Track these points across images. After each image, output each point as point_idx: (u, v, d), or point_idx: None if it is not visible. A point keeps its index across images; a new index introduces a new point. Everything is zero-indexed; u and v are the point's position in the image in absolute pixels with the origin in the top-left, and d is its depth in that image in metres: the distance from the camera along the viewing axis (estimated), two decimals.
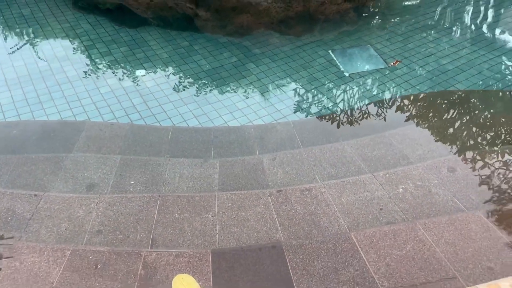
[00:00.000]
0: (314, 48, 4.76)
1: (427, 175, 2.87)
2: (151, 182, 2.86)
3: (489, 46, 4.60)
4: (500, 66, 4.27)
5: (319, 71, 4.38)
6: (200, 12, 4.97)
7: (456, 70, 4.27)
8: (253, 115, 3.80)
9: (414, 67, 4.35)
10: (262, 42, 4.87)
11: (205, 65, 4.47)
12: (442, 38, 4.81)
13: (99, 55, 4.51)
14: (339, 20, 5.12)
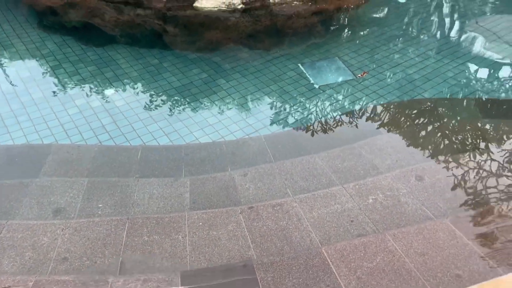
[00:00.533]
0: (284, 62, 4.80)
1: (396, 184, 2.91)
2: (120, 204, 2.81)
3: (452, 54, 4.74)
4: (464, 74, 4.41)
5: (289, 84, 4.42)
6: (169, 28, 4.97)
7: (423, 79, 4.38)
8: (224, 130, 3.79)
9: (382, 78, 4.44)
10: (232, 57, 4.89)
11: (175, 82, 4.45)
12: (408, 48, 4.94)
13: (66, 75, 4.43)
14: (307, 33, 5.20)
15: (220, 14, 5.16)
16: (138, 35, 5.07)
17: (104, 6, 5.19)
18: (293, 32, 5.18)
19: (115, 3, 5.18)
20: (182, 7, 5.12)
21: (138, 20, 5.03)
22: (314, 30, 5.23)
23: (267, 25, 5.11)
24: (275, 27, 5.17)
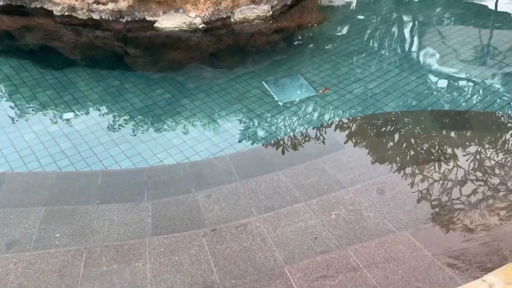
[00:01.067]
0: (248, 80, 4.84)
1: (358, 198, 2.96)
2: (78, 233, 2.72)
3: (410, 68, 4.91)
4: (422, 87, 4.56)
5: (254, 102, 4.45)
6: (129, 49, 4.94)
7: (383, 93, 4.50)
8: (189, 151, 3.76)
9: (344, 93, 4.53)
10: (195, 76, 4.89)
11: (137, 103, 4.40)
12: (368, 63, 5.08)
13: (23, 100, 4.31)
14: (269, 51, 5.28)
15: (181, 34, 5.18)
16: (98, 57, 5.01)
17: (61, 28, 5.12)
18: (256, 50, 5.25)
19: (73, 26, 5.12)
20: (142, 28, 5.12)
21: (97, 42, 4.98)
22: (276, 47, 5.32)
23: (229, 43, 5.16)
24: (237, 45, 5.23)
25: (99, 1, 5.04)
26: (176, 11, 5.15)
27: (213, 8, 5.23)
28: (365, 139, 3.83)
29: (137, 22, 5.17)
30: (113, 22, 5.15)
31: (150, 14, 5.16)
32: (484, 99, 4.33)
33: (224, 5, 5.31)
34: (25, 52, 5.05)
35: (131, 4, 4.97)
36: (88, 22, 5.15)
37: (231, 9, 5.39)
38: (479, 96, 4.42)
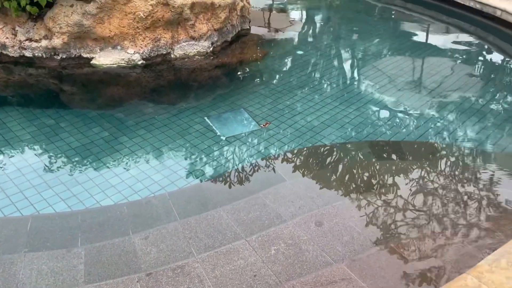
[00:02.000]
0: (190, 116, 4.87)
1: (297, 232, 3.02)
2: (1, 286, 2.56)
3: (348, 101, 5.17)
4: (359, 118, 4.81)
5: (196, 137, 4.47)
6: (65, 87, 4.85)
7: (322, 126, 4.69)
8: (128, 190, 3.69)
9: (285, 127, 4.68)
10: (135, 113, 4.85)
11: (73, 142, 4.29)
12: (308, 97, 5.29)
13: None
14: (212, 86, 5.38)
15: (120, 70, 5.17)
16: (31, 96, 4.86)
17: None
18: (198, 85, 5.33)
19: (3, 63, 4.97)
20: (78, 65, 5.06)
21: (30, 80, 4.85)
22: (218, 82, 5.43)
23: (170, 79, 5.21)
24: (179, 81, 5.29)
25: (32, 39, 4.94)
26: (114, 47, 5.14)
27: (152, 44, 5.29)
28: (305, 171, 3.95)
29: (73, 59, 5.10)
30: (47, 59, 5.05)
31: (87, 51, 5.11)
32: (416, 129, 4.63)
33: (163, 42, 5.39)
34: None
35: (66, 41, 4.91)
36: (19, 60, 5.02)
37: (171, 45, 5.47)
38: (412, 126, 4.72)
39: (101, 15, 4.92)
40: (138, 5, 4.97)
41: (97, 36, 5.01)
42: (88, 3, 4.81)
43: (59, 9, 4.83)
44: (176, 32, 5.47)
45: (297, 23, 8.46)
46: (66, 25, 4.84)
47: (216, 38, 5.92)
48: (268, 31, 7.74)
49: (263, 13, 9.01)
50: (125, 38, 5.09)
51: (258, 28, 7.78)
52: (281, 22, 8.44)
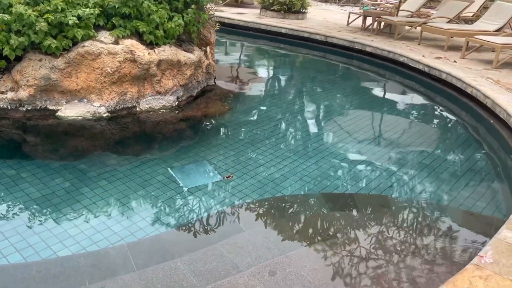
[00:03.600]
0: (153, 167, 5.03)
1: (251, 281, 3.17)
2: None
3: (306, 155, 5.48)
4: (317, 172, 5.10)
5: (158, 188, 4.62)
6: (29, 137, 4.96)
7: (282, 178, 4.95)
8: (87, 241, 3.75)
9: (247, 178, 4.90)
10: (98, 164, 4.97)
11: (34, 193, 4.34)
12: (270, 150, 5.58)
13: None
14: (176, 138, 5.60)
15: (85, 122, 5.34)
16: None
17: None
18: (162, 137, 5.55)
19: None
20: (43, 117, 5.21)
21: None
22: (183, 135, 5.67)
23: (135, 131, 5.41)
24: (144, 133, 5.50)
25: None
26: (80, 100, 5.35)
27: (118, 98, 5.53)
28: (263, 222, 4.14)
29: (39, 111, 5.25)
30: (11, 110, 5.18)
31: (53, 103, 5.29)
32: (371, 182, 4.96)
33: (129, 96, 5.65)
34: None
35: (32, 93, 5.09)
36: None
37: (137, 99, 5.73)
38: (367, 179, 5.05)
39: (69, 70, 5.17)
40: (106, 61, 5.25)
41: (64, 89, 5.22)
42: (57, 58, 5.06)
43: (27, 63, 5.05)
44: (143, 87, 5.76)
45: (262, 79, 9.00)
46: (33, 78, 5.04)
47: (181, 93, 6.25)
48: (233, 86, 8.19)
49: (230, 68, 9.54)
50: (91, 92, 5.32)
51: (225, 83, 8.23)
52: (247, 78, 8.95)
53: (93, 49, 5.18)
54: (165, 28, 5.82)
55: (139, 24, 5.61)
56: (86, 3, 5.23)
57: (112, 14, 5.66)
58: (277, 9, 14.19)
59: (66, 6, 4.99)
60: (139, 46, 5.56)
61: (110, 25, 5.62)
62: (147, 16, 5.67)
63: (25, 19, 4.71)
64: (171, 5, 6.03)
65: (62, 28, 5.09)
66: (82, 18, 5.20)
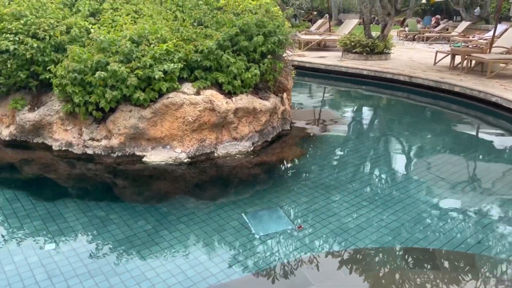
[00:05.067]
0: (228, 212, 5.12)
1: None
2: None
3: (384, 204, 5.19)
4: (395, 223, 4.79)
5: (231, 234, 4.66)
6: (118, 181, 5.35)
7: (357, 228, 4.72)
8: (161, 284, 3.88)
9: (319, 227, 4.76)
10: (178, 207, 5.19)
11: (119, 234, 4.63)
12: (345, 198, 5.39)
13: (10, 231, 4.56)
14: (251, 183, 5.67)
15: (167, 167, 5.67)
16: (88, 188, 5.41)
17: (58, 161, 5.64)
18: (238, 181, 5.66)
19: (68, 158, 5.65)
20: (131, 162, 5.63)
21: (89, 174, 5.43)
22: (257, 179, 5.73)
23: (212, 175, 5.59)
24: (220, 177, 5.66)
25: (94, 138, 5.65)
26: (164, 147, 5.70)
27: (198, 144, 5.81)
28: (333, 276, 3.95)
29: (127, 157, 5.69)
30: (104, 156, 5.69)
31: (140, 150, 5.71)
32: (456, 237, 4.52)
33: (208, 142, 5.90)
34: (22, 183, 5.47)
35: (122, 141, 5.56)
36: (82, 156, 5.69)
37: (215, 145, 5.98)
38: (453, 233, 4.60)
39: (154, 119, 5.58)
40: (188, 110, 5.59)
41: (150, 137, 5.63)
42: (145, 108, 5.50)
43: (119, 113, 5.57)
44: (220, 134, 6.01)
45: (341, 122, 8.84)
46: (124, 127, 5.51)
47: (256, 138, 6.39)
48: (311, 130, 8.15)
49: (309, 112, 9.54)
50: (174, 139, 5.66)
51: (302, 127, 8.23)
52: (325, 121, 8.86)
53: (176, 100, 5.57)
54: (243, 78, 6.10)
55: (218, 76, 5.94)
56: (171, 58, 5.66)
57: (195, 67, 6.10)
58: (359, 51, 14.07)
59: (154, 62, 5.47)
60: (218, 96, 5.87)
61: (193, 77, 6.03)
62: (226, 67, 5.98)
63: (118, 75, 5.24)
64: (249, 56, 6.29)
65: (150, 82, 5.57)
66: (168, 72, 5.65)
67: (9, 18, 5.87)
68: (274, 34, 6.26)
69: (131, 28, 5.64)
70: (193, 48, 5.91)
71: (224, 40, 6.04)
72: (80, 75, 5.33)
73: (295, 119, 8.34)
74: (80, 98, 5.38)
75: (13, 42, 5.59)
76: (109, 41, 5.48)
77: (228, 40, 6.13)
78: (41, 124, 5.88)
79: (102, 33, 5.56)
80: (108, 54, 5.45)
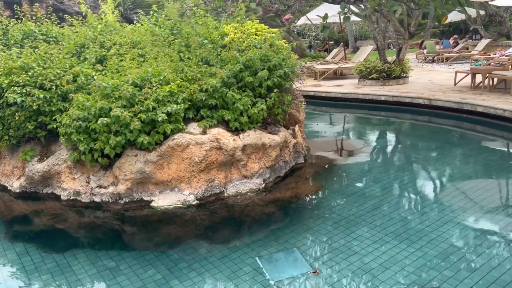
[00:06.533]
0: (241, 256, 4.79)
1: None
2: None
3: (408, 239, 4.76)
4: (421, 260, 4.35)
5: (244, 281, 4.33)
6: (127, 227, 5.14)
7: (380, 268, 4.31)
8: None
9: (339, 268, 4.37)
10: (190, 253, 4.89)
11: (128, 285, 4.37)
12: (366, 234, 4.98)
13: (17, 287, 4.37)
14: (266, 222, 5.35)
15: (176, 210, 5.43)
16: (97, 237, 5.22)
17: (67, 211, 5.50)
18: (251, 220, 5.36)
19: (77, 207, 5.51)
20: (139, 207, 5.43)
21: (98, 222, 5.25)
22: (272, 218, 5.42)
23: (224, 216, 5.32)
24: (232, 218, 5.38)
25: (101, 185, 5.51)
26: (172, 190, 5.49)
27: (206, 185, 5.57)
28: None
29: (135, 202, 5.50)
30: (112, 203, 5.51)
31: (147, 194, 5.52)
32: (490, 273, 4.04)
33: (217, 182, 5.66)
34: (31, 235, 5.34)
35: (129, 187, 5.38)
36: (90, 205, 5.55)
37: (224, 185, 5.73)
38: (485, 270, 4.13)
39: (161, 162, 5.40)
40: (194, 151, 5.39)
41: (157, 180, 5.45)
42: (150, 152, 5.34)
43: (125, 159, 5.42)
44: (230, 172, 5.77)
45: (359, 152, 8.41)
46: (130, 172, 5.35)
47: (268, 174, 6.12)
48: (327, 162, 7.77)
49: (325, 143, 9.20)
50: (181, 181, 5.45)
51: (318, 159, 7.90)
52: (343, 152, 8.50)
53: (181, 141, 5.40)
54: (249, 114, 5.90)
55: (224, 113, 5.77)
56: (175, 99, 5.54)
57: (201, 106, 5.96)
58: (376, 77, 13.78)
59: (157, 104, 5.35)
60: (225, 134, 5.68)
61: (199, 117, 5.88)
62: (232, 104, 5.81)
63: (121, 120, 5.13)
64: (255, 92, 6.11)
65: (154, 125, 5.43)
66: (172, 114, 5.52)
67: (18, 71, 5.92)
68: (279, 67, 6.10)
69: (133, 72, 5.57)
70: (198, 88, 5.79)
71: (228, 77, 5.91)
72: (84, 122, 5.26)
73: (312, 151, 8.03)
74: (86, 146, 5.28)
75: (20, 95, 5.60)
76: (112, 86, 5.42)
77: (233, 77, 5.99)
78: (50, 174, 5.80)
79: (106, 79, 5.51)
80: (112, 100, 5.37)
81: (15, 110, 5.72)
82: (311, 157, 7.81)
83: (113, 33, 7.64)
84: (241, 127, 5.93)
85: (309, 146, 8.32)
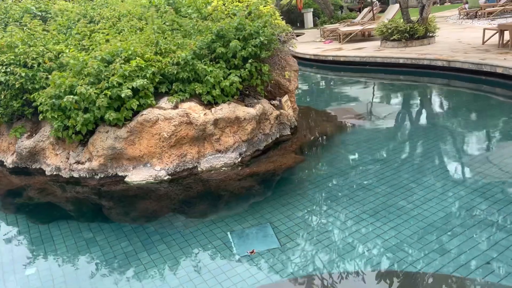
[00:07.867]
0: (214, 230, 4.74)
1: None
2: None
3: (386, 217, 4.47)
4: (393, 240, 4.08)
5: (211, 255, 4.29)
6: (104, 202, 5.21)
7: (348, 246, 4.10)
8: None
9: (309, 246, 4.22)
10: (165, 227, 4.90)
11: (99, 257, 4.46)
12: (343, 211, 4.73)
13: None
14: (242, 195, 5.24)
15: (150, 185, 5.43)
16: (80, 210, 5.33)
17: (52, 185, 5.65)
18: (228, 195, 5.25)
19: (60, 183, 5.64)
20: (114, 183, 5.47)
21: (80, 197, 5.35)
22: (248, 193, 5.29)
23: (199, 190, 5.25)
24: (208, 192, 5.30)
25: (79, 161, 5.58)
26: (144, 165, 5.47)
27: (178, 160, 5.50)
28: None
29: (110, 178, 5.55)
30: (89, 178, 5.59)
31: (122, 170, 5.55)
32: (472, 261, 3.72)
33: (190, 157, 5.58)
34: (26, 207, 5.55)
35: (102, 162, 5.42)
36: (70, 180, 5.66)
37: (197, 160, 5.65)
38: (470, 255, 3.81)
39: (131, 138, 5.38)
40: (162, 126, 5.31)
41: (130, 156, 5.45)
42: (120, 128, 5.30)
43: (97, 135, 5.45)
44: (203, 147, 5.66)
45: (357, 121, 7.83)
46: (101, 148, 5.37)
47: (244, 148, 5.95)
48: (319, 133, 7.43)
49: (323, 112, 8.66)
50: (153, 157, 5.41)
51: (311, 130, 7.51)
52: (340, 122, 7.95)
53: (150, 116, 5.32)
54: (222, 87, 5.69)
55: (196, 87, 5.59)
56: (144, 74, 5.39)
57: (173, 80, 5.81)
58: (398, 38, 12.89)
59: (123, 80, 5.24)
60: (196, 108, 5.53)
61: (173, 91, 5.75)
62: (204, 77, 5.59)
63: (88, 98, 5.09)
64: (230, 63, 5.84)
65: (123, 101, 5.37)
66: (139, 89, 5.42)
67: (6, 50, 6.00)
68: (256, 35, 5.75)
69: (103, 48, 5.46)
70: (170, 61, 5.62)
71: (200, 49, 5.67)
72: (58, 100, 5.28)
73: (308, 121, 7.66)
74: (60, 123, 5.33)
75: (4, 74, 5.70)
76: (80, 63, 5.35)
77: (206, 48, 5.74)
78: (36, 150, 5.97)
79: (76, 56, 5.43)
80: (81, 76, 5.32)
81: (2, 88, 5.85)
82: (302, 128, 7.50)
83: (104, 7, 7.54)
84: (215, 100, 5.76)
85: (308, 115, 7.95)
